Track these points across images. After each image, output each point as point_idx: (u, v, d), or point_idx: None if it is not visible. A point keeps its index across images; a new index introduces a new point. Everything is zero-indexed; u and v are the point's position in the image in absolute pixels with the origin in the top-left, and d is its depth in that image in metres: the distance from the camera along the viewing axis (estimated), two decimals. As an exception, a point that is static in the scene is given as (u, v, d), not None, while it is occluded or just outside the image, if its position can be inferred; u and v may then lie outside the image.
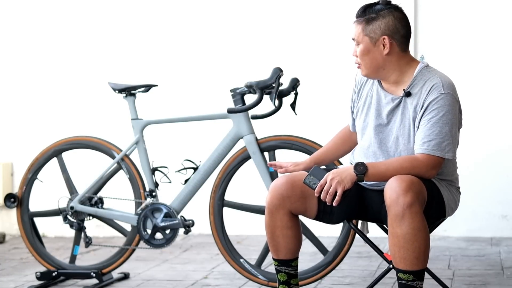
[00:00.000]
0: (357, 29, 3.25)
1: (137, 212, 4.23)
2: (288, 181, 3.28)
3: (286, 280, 3.37)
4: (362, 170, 3.13)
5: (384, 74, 3.27)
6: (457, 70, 5.50)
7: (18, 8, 6.10)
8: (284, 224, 3.30)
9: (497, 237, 5.47)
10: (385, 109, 3.29)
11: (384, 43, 3.24)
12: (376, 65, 3.25)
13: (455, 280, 4.24)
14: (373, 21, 3.24)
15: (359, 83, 3.44)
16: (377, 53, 3.24)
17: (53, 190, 4.90)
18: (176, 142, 5.82)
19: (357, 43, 3.26)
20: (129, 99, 4.31)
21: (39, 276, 4.40)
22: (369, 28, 3.24)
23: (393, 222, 3.05)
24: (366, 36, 3.24)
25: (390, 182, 3.07)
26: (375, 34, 3.24)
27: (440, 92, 3.17)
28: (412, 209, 3.02)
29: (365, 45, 3.24)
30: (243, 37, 5.82)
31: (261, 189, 4.29)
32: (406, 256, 3.06)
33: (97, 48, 6.01)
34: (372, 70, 3.26)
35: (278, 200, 3.27)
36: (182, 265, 4.85)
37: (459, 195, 3.38)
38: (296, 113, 4.06)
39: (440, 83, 3.19)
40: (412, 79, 3.24)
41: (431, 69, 3.28)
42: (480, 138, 5.50)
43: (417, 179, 3.10)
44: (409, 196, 3.02)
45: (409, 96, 3.23)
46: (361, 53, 3.25)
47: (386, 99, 3.29)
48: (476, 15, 5.51)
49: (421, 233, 3.04)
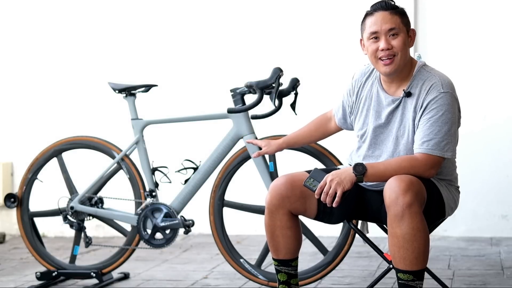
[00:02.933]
0: (395, 19, 3.19)
1: (137, 212, 4.23)
2: (287, 181, 3.28)
3: (286, 280, 3.37)
4: (361, 171, 3.12)
5: (402, 69, 3.24)
6: (457, 70, 5.50)
7: (18, 8, 6.10)
8: (284, 224, 3.30)
9: (497, 237, 5.47)
10: (385, 110, 3.28)
11: (411, 36, 3.26)
12: (408, 58, 3.24)
13: (455, 280, 4.24)
14: (404, 14, 3.25)
15: (357, 84, 3.41)
16: (408, 45, 3.24)
17: (53, 190, 4.89)
18: (176, 142, 5.82)
19: (395, 33, 3.19)
20: (129, 99, 4.31)
21: (39, 276, 4.40)
22: (405, 19, 3.23)
23: (393, 222, 3.04)
24: (405, 27, 3.22)
25: (390, 182, 3.07)
26: (408, 26, 3.25)
27: (439, 91, 3.16)
28: (412, 209, 3.02)
29: (405, 35, 3.22)
30: (243, 37, 5.82)
31: (261, 189, 4.29)
32: (405, 256, 3.05)
33: (97, 48, 6.02)
34: (404, 63, 3.22)
35: (278, 200, 3.27)
36: (182, 265, 4.85)
37: (458, 194, 3.38)
38: (296, 113, 4.06)
39: (439, 82, 3.18)
40: (411, 79, 3.23)
41: (429, 68, 3.27)
42: (480, 138, 5.50)
43: (416, 179, 3.09)
44: (408, 196, 3.02)
45: (409, 96, 3.22)
46: (402, 43, 3.19)
47: (387, 101, 3.29)
48: (476, 15, 5.52)
49: (420, 233, 3.04)
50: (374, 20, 3.20)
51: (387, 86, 3.31)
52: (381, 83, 3.33)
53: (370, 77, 3.38)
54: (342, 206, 3.24)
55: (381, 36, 3.19)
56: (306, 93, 4.86)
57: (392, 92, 3.29)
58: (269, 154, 3.94)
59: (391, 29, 3.19)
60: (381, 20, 3.19)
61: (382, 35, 3.19)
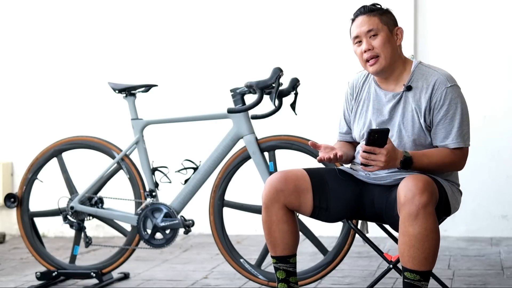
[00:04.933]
0: (373, 20, 3.29)
1: (137, 212, 4.23)
2: (282, 176, 3.32)
3: (284, 277, 3.37)
4: (408, 166, 3.17)
5: (393, 68, 3.31)
6: (457, 70, 5.48)
7: (18, 8, 6.10)
8: (280, 218, 3.31)
9: (497, 237, 5.47)
10: (387, 106, 3.33)
11: (397, 34, 3.32)
12: (393, 56, 3.30)
13: (455, 280, 4.24)
14: (386, 13, 3.33)
15: (355, 89, 3.47)
16: (394, 43, 3.31)
17: (53, 190, 4.90)
18: (176, 142, 5.82)
19: (375, 33, 3.28)
20: (129, 99, 4.31)
21: (39, 276, 4.40)
22: (385, 19, 3.31)
23: (406, 221, 3.05)
24: (385, 25, 3.30)
25: (406, 181, 3.08)
26: (391, 25, 3.32)
27: (445, 86, 3.25)
28: (427, 210, 3.03)
29: (386, 34, 3.29)
30: (243, 37, 5.82)
31: (261, 189, 4.27)
32: (415, 255, 3.06)
33: (97, 48, 6.02)
34: (390, 62, 3.29)
35: (272, 194, 3.31)
36: (182, 265, 4.85)
37: (460, 196, 3.40)
38: (296, 113, 4.07)
39: (442, 77, 3.27)
40: (411, 74, 3.30)
41: (426, 64, 3.35)
42: (480, 138, 5.49)
43: (431, 179, 3.12)
44: (425, 197, 3.03)
45: (409, 90, 3.28)
46: (382, 42, 3.27)
47: (387, 97, 3.33)
48: (476, 15, 5.51)
49: (432, 234, 3.05)
50: (355, 25, 3.34)
51: (384, 85, 3.37)
52: (378, 84, 3.39)
53: (366, 81, 3.45)
54: (339, 202, 3.28)
55: (362, 38, 3.31)
56: (306, 93, 4.86)
57: (391, 89, 3.35)
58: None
59: (370, 31, 3.29)
60: (360, 24, 3.32)
61: (363, 37, 3.30)
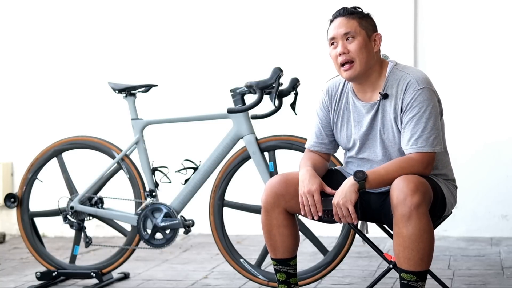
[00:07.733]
0: (351, 23, 3.21)
1: (137, 212, 4.23)
2: (282, 180, 3.29)
3: (285, 279, 3.37)
4: (362, 176, 3.11)
5: (368, 74, 3.23)
6: (457, 70, 5.51)
7: (18, 8, 6.10)
8: (280, 222, 3.30)
9: (497, 237, 5.46)
10: (367, 117, 3.27)
11: (375, 40, 3.24)
12: (369, 62, 3.22)
13: (455, 280, 4.24)
14: (366, 17, 3.25)
15: (332, 98, 3.38)
16: (371, 48, 3.23)
17: (53, 190, 4.90)
18: (176, 142, 5.82)
19: (352, 37, 3.20)
20: (129, 99, 4.31)
21: (39, 276, 4.40)
22: (364, 23, 3.23)
23: (399, 222, 3.04)
24: (364, 30, 3.22)
25: (397, 182, 3.06)
26: (369, 30, 3.24)
27: (415, 89, 3.17)
28: (419, 210, 3.02)
29: (363, 39, 3.21)
30: (243, 37, 5.82)
31: (261, 189, 4.27)
32: (410, 256, 3.05)
33: (97, 48, 6.01)
34: (365, 68, 3.21)
35: (273, 199, 3.28)
36: (182, 265, 4.85)
37: (456, 190, 3.38)
38: (296, 113, 4.07)
39: (414, 79, 3.19)
40: (385, 80, 3.23)
41: (401, 66, 3.27)
42: (480, 138, 5.50)
43: (423, 179, 3.09)
44: (417, 197, 3.02)
45: (386, 98, 3.22)
46: (358, 46, 3.20)
47: (365, 108, 3.27)
48: (476, 15, 5.51)
49: (426, 234, 3.04)
50: (333, 27, 3.26)
51: (361, 94, 3.30)
52: (355, 93, 3.32)
53: (343, 90, 3.37)
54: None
55: (338, 41, 3.23)
56: (306, 93, 4.86)
57: (367, 98, 3.28)
58: None
59: (346, 33, 3.21)
60: (337, 26, 3.24)
61: (339, 40, 3.23)
